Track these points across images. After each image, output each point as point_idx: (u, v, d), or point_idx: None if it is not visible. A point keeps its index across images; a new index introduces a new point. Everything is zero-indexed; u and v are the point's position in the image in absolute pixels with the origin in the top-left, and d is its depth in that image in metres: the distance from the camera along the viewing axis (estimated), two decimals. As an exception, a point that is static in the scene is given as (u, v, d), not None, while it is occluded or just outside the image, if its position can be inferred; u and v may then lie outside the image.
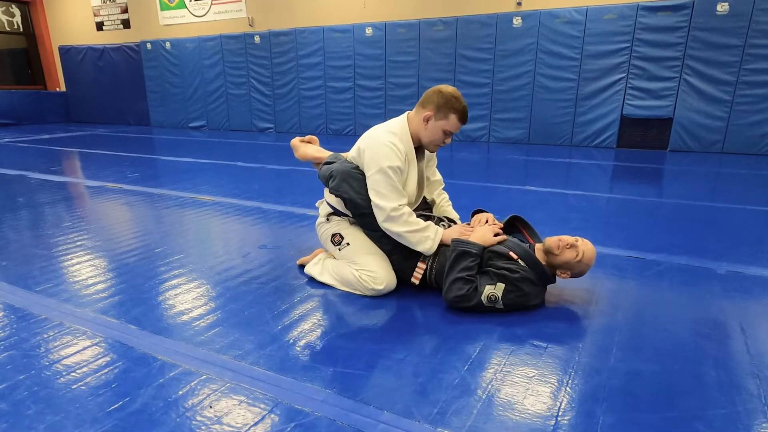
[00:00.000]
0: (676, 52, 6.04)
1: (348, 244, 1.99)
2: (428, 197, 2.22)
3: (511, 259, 1.79)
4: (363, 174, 1.90)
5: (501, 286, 1.74)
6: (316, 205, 2.20)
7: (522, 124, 7.10)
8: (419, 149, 2.02)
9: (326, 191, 2.07)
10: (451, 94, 1.87)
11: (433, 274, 1.92)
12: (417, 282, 1.94)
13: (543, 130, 7.00)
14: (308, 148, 2.28)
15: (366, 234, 2.00)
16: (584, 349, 1.55)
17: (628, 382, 1.38)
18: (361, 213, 1.93)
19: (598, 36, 6.36)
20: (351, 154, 2.01)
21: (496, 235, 1.89)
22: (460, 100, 1.88)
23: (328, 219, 2.07)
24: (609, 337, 1.62)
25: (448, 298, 1.78)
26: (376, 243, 1.98)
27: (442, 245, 1.90)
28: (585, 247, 1.81)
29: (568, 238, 1.82)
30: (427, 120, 1.90)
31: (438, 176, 2.27)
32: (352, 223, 2.04)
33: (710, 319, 1.76)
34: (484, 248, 1.84)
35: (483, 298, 1.74)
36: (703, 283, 2.08)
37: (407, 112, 1.98)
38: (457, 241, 1.84)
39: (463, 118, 1.90)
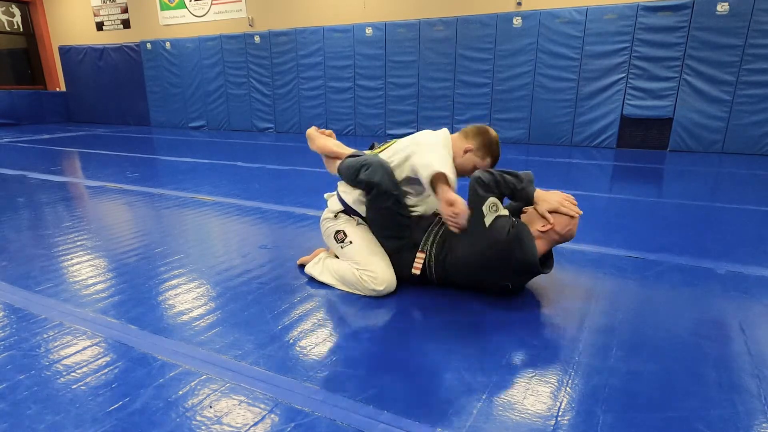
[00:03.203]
0: (676, 52, 6.04)
1: (351, 242, 1.99)
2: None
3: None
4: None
5: (506, 212, 1.79)
6: (325, 197, 2.18)
7: (522, 124, 7.10)
8: None
9: (342, 187, 2.07)
10: (495, 139, 2.01)
11: (432, 264, 1.91)
12: (418, 272, 1.92)
13: (543, 130, 7.00)
14: (328, 141, 2.26)
15: (373, 232, 1.99)
16: (584, 349, 1.55)
17: (628, 382, 1.38)
18: (378, 205, 1.92)
19: (598, 36, 6.36)
20: (389, 154, 2.01)
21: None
22: (498, 148, 2.03)
23: (336, 216, 2.07)
24: (609, 337, 1.62)
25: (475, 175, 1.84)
26: (380, 240, 1.98)
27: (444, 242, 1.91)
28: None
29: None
30: (466, 151, 1.98)
31: None
32: (359, 224, 2.04)
33: (710, 319, 1.76)
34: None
35: (486, 204, 1.76)
36: (703, 283, 2.08)
37: (447, 132, 2.03)
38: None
39: (493, 164, 2.03)
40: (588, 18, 6.35)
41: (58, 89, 12.07)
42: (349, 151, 2.16)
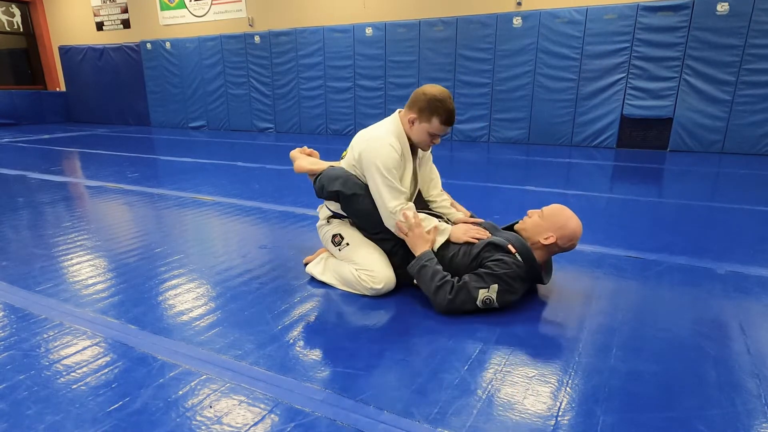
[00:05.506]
0: (676, 52, 6.04)
1: (348, 244, 2.00)
2: (425, 195, 2.19)
3: (509, 252, 1.79)
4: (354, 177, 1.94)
5: (495, 287, 1.73)
6: (318, 209, 2.23)
7: (522, 124, 7.10)
8: (413, 146, 2.01)
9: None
10: (435, 96, 1.80)
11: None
12: None
13: (543, 130, 7.00)
14: (303, 161, 2.23)
15: (366, 236, 2.01)
16: (584, 349, 1.55)
17: (628, 382, 1.38)
18: (353, 209, 1.95)
19: (598, 36, 6.36)
20: (346, 158, 2.02)
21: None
22: (444, 102, 1.81)
23: (328, 221, 2.10)
24: (609, 337, 1.62)
25: (442, 309, 1.77)
26: (377, 243, 2.00)
27: (448, 241, 1.91)
28: (544, 209, 1.90)
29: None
30: (411, 122, 1.88)
31: (435, 174, 2.19)
32: (352, 224, 2.06)
33: (710, 319, 1.76)
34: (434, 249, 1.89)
35: (478, 302, 1.74)
36: (703, 283, 2.08)
37: (399, 110, 1.97)
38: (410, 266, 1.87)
39: (447, 121, 1.83)
40: (588, 18, 6.34)
41: (58, 89, 12.06)
42: (325, 165, 2.15)
